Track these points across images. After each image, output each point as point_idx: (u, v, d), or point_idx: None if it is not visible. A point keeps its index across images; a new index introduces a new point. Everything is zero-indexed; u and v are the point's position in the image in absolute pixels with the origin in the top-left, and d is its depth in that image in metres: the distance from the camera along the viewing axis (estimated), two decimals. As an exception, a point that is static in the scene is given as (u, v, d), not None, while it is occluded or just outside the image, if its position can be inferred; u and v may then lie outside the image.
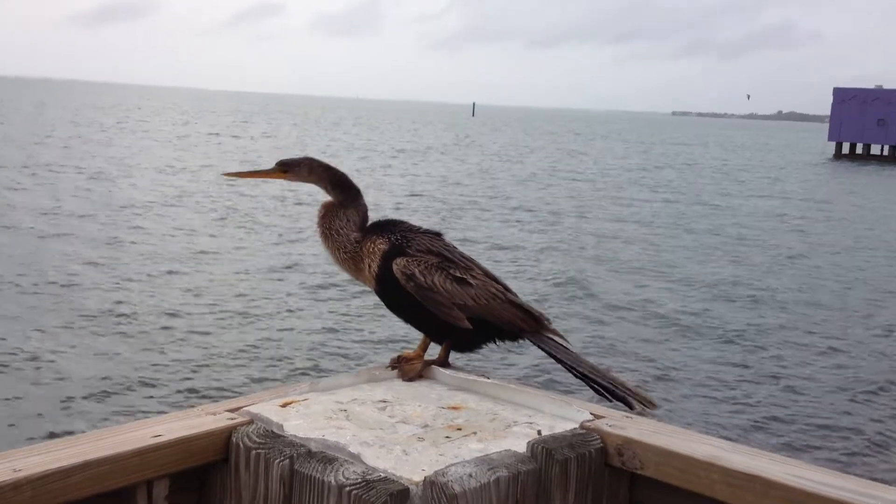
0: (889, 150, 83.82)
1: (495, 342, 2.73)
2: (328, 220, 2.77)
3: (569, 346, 2.69)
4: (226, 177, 2.91)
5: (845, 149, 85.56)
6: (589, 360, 2.66)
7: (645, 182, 45.24)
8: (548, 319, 2.73)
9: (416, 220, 3.02)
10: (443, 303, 2.60)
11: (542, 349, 2.67)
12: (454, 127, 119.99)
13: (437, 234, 2.78)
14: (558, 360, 2.65)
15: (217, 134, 67.91)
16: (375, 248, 2.70)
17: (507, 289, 2.71)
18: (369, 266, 2.70)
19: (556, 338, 2.70)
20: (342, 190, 2.79)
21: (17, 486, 1.83)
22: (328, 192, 2.81)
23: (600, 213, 30.97)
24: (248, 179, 2.92)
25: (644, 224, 29.05)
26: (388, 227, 2.76)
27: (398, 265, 2.63)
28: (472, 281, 2.65)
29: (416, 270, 2.61)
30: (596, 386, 2.58)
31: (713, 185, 46.24)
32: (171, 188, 31.36)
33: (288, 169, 2.81)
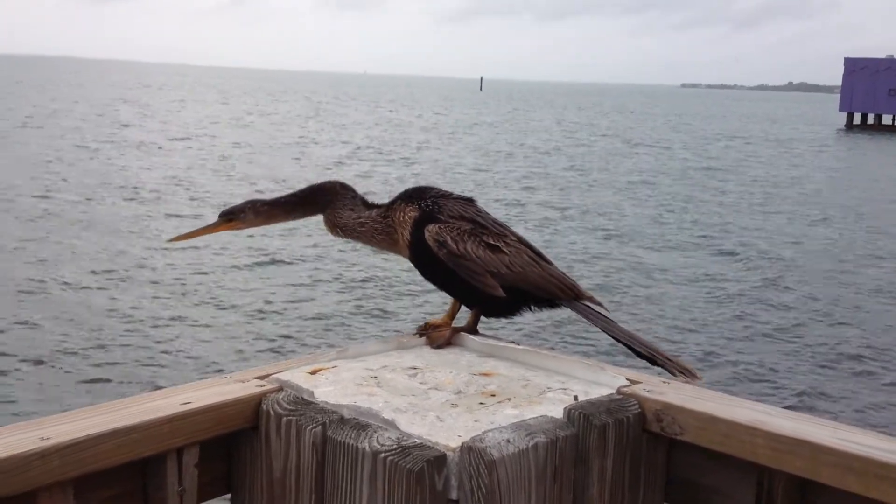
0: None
1: (530, 309, 2.67)
2: (342, 227, 2.67)
3: (606, 314, 2.63)
4: (170, 242, 2.81)
5: (856, 119, 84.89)
6: (626, 328, 2.59)
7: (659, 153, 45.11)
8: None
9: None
10: (476, 270, 2.53)
11: (581, 316, 2.60)
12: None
13: (470, 200, 2.69)
14: (602, 328, 2.58)
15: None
16: (406, 217, 2.61)
17: (541, 255, 2.64)
18: (402, 235, 2.62)
19: (593, 305, 2.63)
20: (313, 201, 2.69)
21: (44, 455, 1.79)
22: (300, 217, 2.72)
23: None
24: (195, 239, 2.83)
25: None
26: (417, 194, 2.67)
27: (430, 232, 2.55)
28: (505, 248, 2.57)
29: (449, 237, 2.54)
30: (637, 352, 2.52)
31: (726, 155, 45.98)
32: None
33: (233, 217, 2.67)
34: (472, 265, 2.53)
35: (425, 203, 2.62)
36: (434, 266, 2.59)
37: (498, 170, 34.96)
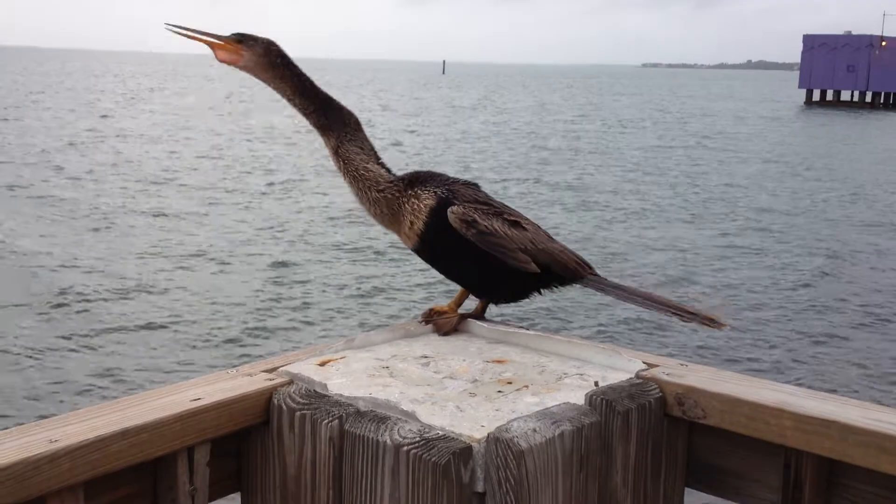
0: (859, 95, 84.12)
1: (539, 292, 2.60)
2: (346, 160, 2.51)
3: (618, 281, 2.58)
4: (168, 26, 2.54)
5: (816, 95, 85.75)
6: (642, 290, 2.53)
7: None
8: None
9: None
10: (507, 246, 2.44)
11: (594, 290, 2.55)
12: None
13: (476, 185, 2.61)
14: (620, 297, 2.50)
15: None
16: (421, 205, 2.49)
17: (548, 234, 2.59)
18: (411, 223, 2.50)
19: (600, 277, 2.58)
20: (322, 108, 2.50)
21: (53, 458, 1.71)
22: (298, 107, 2.51)
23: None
24: (193, 39, 2.56)
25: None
26: (427, 179, 2.56)
27: (455, 213, 2.45)
28: (526, 224, 2.51)
29: (476, 216, 2.45)
30: (660, 312, 2.44)
31: (681, 134, 46.19)
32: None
33: (242, 41, 2.47)
34: (504, 241, 2.44)
35: (440, 190, 2.51)
36: (453, 251, 2.49)
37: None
